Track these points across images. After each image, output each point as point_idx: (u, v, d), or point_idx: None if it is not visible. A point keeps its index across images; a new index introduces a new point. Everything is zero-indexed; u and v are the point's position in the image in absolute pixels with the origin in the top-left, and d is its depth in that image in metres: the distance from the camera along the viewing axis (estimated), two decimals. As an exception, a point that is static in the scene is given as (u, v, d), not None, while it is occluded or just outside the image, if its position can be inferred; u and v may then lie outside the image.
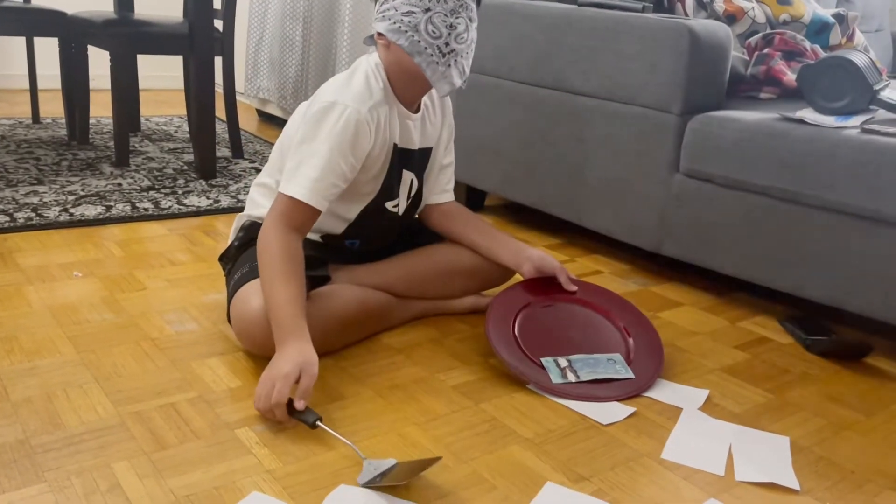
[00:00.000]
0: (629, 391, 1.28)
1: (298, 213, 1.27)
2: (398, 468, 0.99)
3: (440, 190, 1.54)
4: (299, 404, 1.09)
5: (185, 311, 1.49)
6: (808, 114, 1.59)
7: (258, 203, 1.43)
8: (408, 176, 1.43)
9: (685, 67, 1.68)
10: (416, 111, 1.40)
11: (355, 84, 1.31)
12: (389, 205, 1.42)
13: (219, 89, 2.67)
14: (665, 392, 1.31)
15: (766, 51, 1.97)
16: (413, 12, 1.23)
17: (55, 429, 1.07)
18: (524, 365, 1.29)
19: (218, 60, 2.54)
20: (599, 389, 1.27)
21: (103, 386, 1.19)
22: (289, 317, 1.17)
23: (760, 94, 1.94)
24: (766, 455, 1.14)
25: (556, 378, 1.27)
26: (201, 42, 2.37)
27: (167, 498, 0.95)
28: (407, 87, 1.34)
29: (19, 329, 1.36)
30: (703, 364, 1.44)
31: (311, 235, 1.44)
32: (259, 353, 1.28)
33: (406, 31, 1.23)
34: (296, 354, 1.12)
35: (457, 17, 1.25)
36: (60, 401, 1.14)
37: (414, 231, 1.56)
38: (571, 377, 1.28)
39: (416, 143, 1.42)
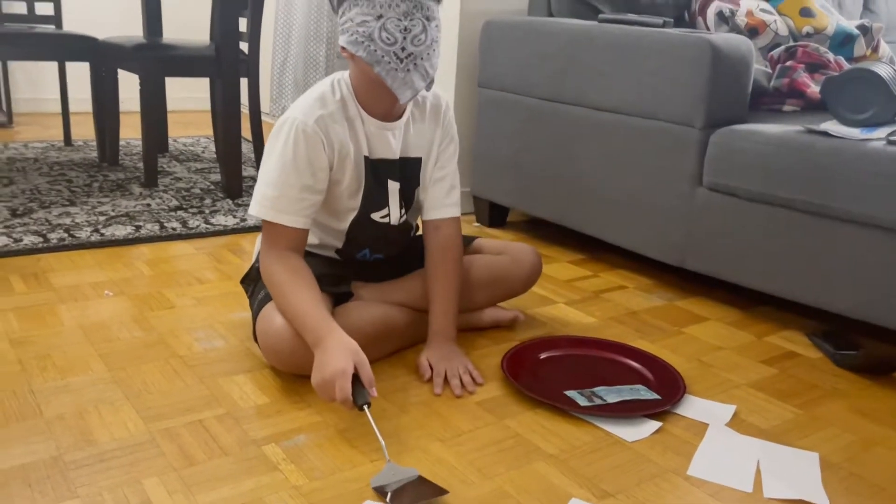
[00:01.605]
0: (656, 409, 1.27)
1: (276, 234, 1.29)
2: (414, 483, 1.01)
3: (435, 205, 1.46)
4: (373, 392, 1.14)
5: (212, 329, 1.51)
6: (832, 126, 1.58)
7: None
8: (394, 186, 1.41)
9: (707, 82, 1.68)
10: (396, 119, 1.38)
11: (307, 97, 1.33)
12: (377, 216, 1.41)
13: (244, 109, 2.71)
14: (691, 408, 1.30)
15: (788, 63, 1.96)
16: (367, 21, 1.21)
17: (87, 445, 1.09)
18: (555, 399, 1.29)
19: (243, 81, 2.59)
20: (627, 409, 1.27)
21: (133, 403, 1.22)
22: (315, 318, 1.21)
23: (784, 106, 1.93)
24: (795, 471, 1.13)
25: (583, 403, 1.27)
26: (228, 64, 2.42)
27: (196, 513, 0.96)
28: (375, 96, 1.31)
29: (52, 347, 1.39)
30: (729, 379, 1.43)
31: (326, 252, 1.46)
32: (285, 370, 1.30)
33: (363, 42, 1.22)
34: (342, 348, 1.16)
35: (411, 20, 1.22)
36: (92, 417, 1.17)
37: None
38: (598, 402, 1.28)
39: (394, 153, 1.39)
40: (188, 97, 3.96)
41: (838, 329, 1.64)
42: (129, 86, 2.76)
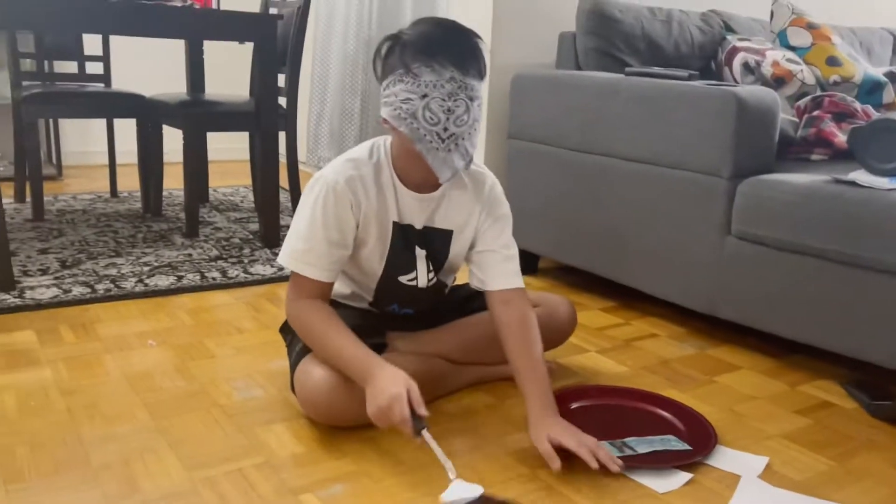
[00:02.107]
0: (689, 459, 1.28)
1: (303, 285, 1.34)
2: (481, 500, 1.09)
3: (492, 275, 1.42)
4: (422, 411, 1.18)
5: (251, 378, 1.56)
6: (860, 175, 1.60)
7: None
8: (420, 252, 1.42)
9: (733, 133, 1.71)
10: (430, 191, 1.38)
11: (342, 157, 1.37)
12: (404, 279, 1.43)
13: (282, 159, 2.80)
14: (723, 459, 1.30)
15: (815, 113, 1.98)
16: (411, 99, 1.22)
17: (133, 493, 1.14)
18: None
19: (281, 134, 2.68)
20: (659, 460, 1.27)
21: (176, 451, 1.26)
22: (359, 356, 1.27)
23: (811, 156, 1.95)
24: (829, 525, 1.12)
25: (615, 453, 1.28)
26: (267, 119, 2.51)
27: (236, 562, 0.99)
28: (413, 168, 1.32)
29: (100, 396, 1.45)
30: (762, 430, 1.42)
31: (359, 304, 1.50)
32: (322, 421, 1.34)
33: (405, 119, 1.23)
34: (392, 376, 1.22)
35: (455, 101, 1.22)
36: (137, 466, 1.21)
37: (468, 296, 1.59)
38: (629, 452, 1.29)
39: (419, 222, 1.40)
40: (228, 147, 4.09)
41: (873, 378, 1.63)
42: (172, 138, 2.87)
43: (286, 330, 1.53)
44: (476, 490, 1.12)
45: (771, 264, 1.68)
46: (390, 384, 1.20)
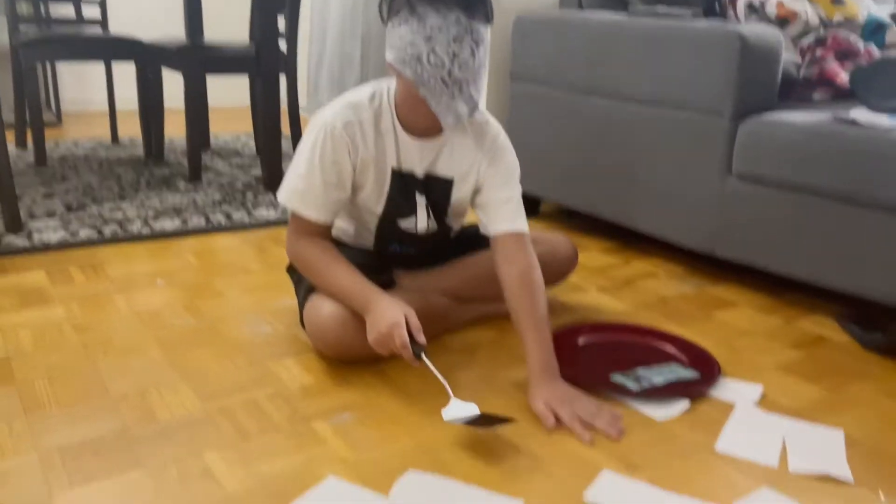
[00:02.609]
0: (699, 388, 1.32)
1: (301, 224, 1.37)
2: (480, 419, 1.15)
3: (496, 220, 1.40)
4: (420, 337, 1.23)
5: (259, 316, 1.59)
6: (861, 114, 1.61)
7: None
8: (421, 199, 1.42)
9: (736, 73, 1.72)
10: (433, 137, 1.38)
11: (342, 100, 1.37)
12: (402, 223, 1.45)
13: (282, 105, 2.80)
14: (719, 388, 1.34)
15: (818, 52, 1.98)
16: (416, 42, 1.20)
17: (150, 422, 1.18)
18: (603, 385, 1.33)
19: (282, 78, 2.67)
20: (673, 390, 1.31)
21: (190, 383, 1.30)
22: (358, 286, 1.31)
23: (814, 95, 1.95)
24: (820, 447, 1.17)
25: (634, 387, 1.31)
26: (268, 62, 2.50)
27: (254, 482, 1.04)
28: (417, 114, 1.32)
29: (112, 332, 1.48)
30: (758, 362, 1.47)
31: (363, 243, 1.52)
32: (331, 355, 1.37)
33: (410, 62, 1.21)
34: (390, 304, 1.26)
35: (460, 44, 1.19)
36: (153, 397, 1.25)
37: (470, 236, 1.62)
38: (646, 384, 1.33)
39: (420, 169, 1.40)
40: (228, 95, 4.06)
41: (867, 313, 1.67)
42: (171, 84, 2.86)
43: (293, 269, 1.56)
44: (473, 409, 1.17)
45: (770, 203, 1.70)
46: (389, 312, 1.24)
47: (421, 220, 1.45)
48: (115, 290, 1.70)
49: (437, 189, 1.43)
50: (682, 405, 1.28)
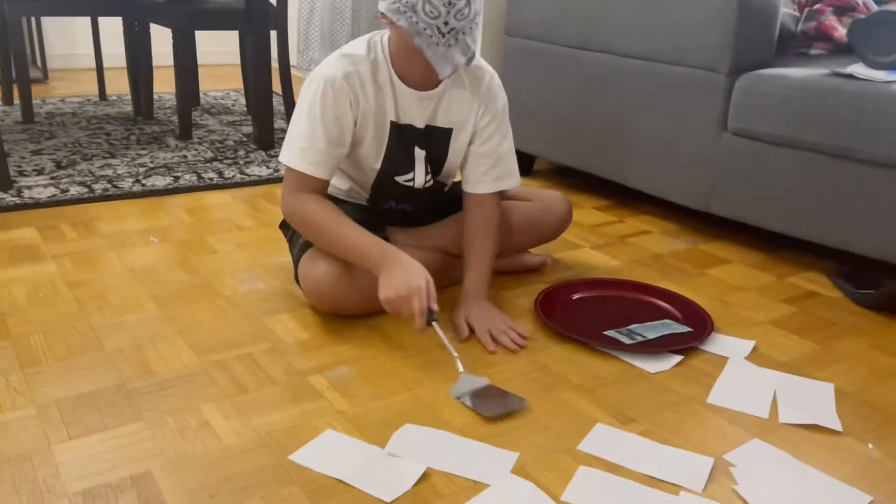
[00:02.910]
0: (692, 342, 1.33)
1: (302, 181, 1.33)
2: (488, 390, 1.16)
3: (474, 179, 1.45)
4: (434, 305, 1.23)
5: (253, 272, 1.59)
6: (858, 69, 1.60)
7: None
8: (420, 153, 1.41)
9: (733, 27, 1.70)
10: (430, 89, 1.36)
11: (340, 52, 1.34)
12: (400, 179, 1.44)
13: (273, 63, 2.75)
14: (712, 343, 1.36)
15: (816, 6, 1.96)
16: None
17: (147, 375, 1.18)
18: (596, 340, 1.34)
19: (272, 34, 2.62)
20: (666, 344, 1.33)
21: (185, 338, 1.30)
22: (373, 243, 1.29)
23: (811, 50, 1.94)
24: (810, 399, 1.19)
25: (627, 341, 1.33)
26: (257, 17, 2.45)
27: (251, 434, 1.05)
28: (412, 66, 1.30)
29: (107, 288, 1.48)
30: (750, 318, 1.48)
31: (358, 200, 1.51)
32: (326, 310, 1.38)
33: (405, 12, 1.19)
34: (414, 267, 1.24)
35: None
36: (149, 351, 1.26)
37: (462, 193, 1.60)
38: (640, 339, 1.34)
39: (419, 121, 1.39)
40: (217, 51, 4.00)
41: (859, 269, 1.68)
42: (159, 41, 2.81)
43: (286, 225, 1.56)
44: (484, 381, 1.17)
45: (766, 160, 1.70)
46: (412, 275, 1.22)
47: (419, 176, 1.44)
48: (108, 246, 1.69)
49: (438, 140, 1.42)
50: (674, 359, 1.29)
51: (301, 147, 1.33)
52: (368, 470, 0.98)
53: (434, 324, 1.22)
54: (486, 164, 1.44)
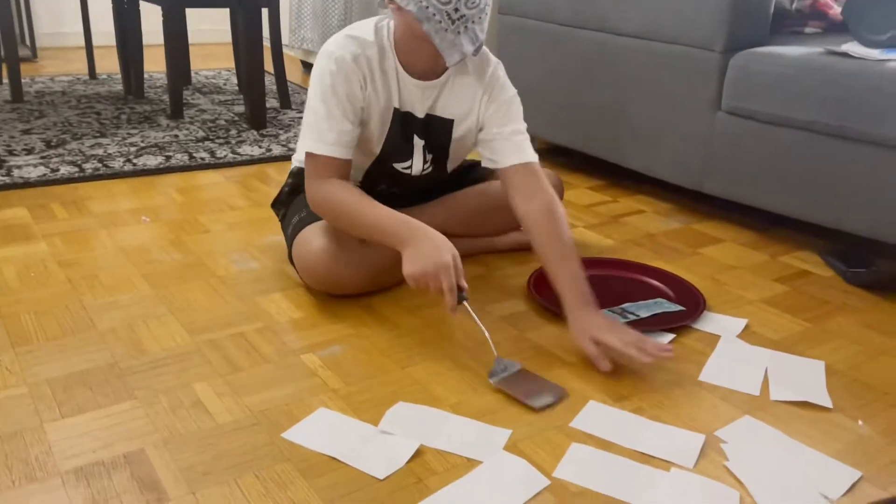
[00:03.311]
0: (686, 320, 1.34)
1: (322, 166, 1.31)
2: (523, 375, 1.15)
3: (501, 154, 1.38)
4: (463, 282, 1.18)
5: (246, 252, 1.58)
6: (853, 47, 1.59)
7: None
8: (419, 142, 1.40)
9: (728, 4, 1.68)
10: (434, 79, 1.35)
11: (347, 33, 1.32)
12: (398, 165, 1.43)
13: (265, 42, 2.73)
14: (704, 321, 1.36)
15: (812, -15, 1.95)
16: None
17: (140, 354, 1.18)
18: None
19: (264, 12, 2.60)
20: (660, 322, 1.33)
21: (178, 317, 1.30)
22: (394, 218, 1.25)
23: (805, 28, 1.93)
24: (801, 377, 1.19)
25: (621, 320, 1.32)
26: (249, -6, 2.43)
27: (244, 412, 1.05)
28: (416, 52, 1.28)
29: (98, 268, 1.47)
30: (742, 296, 1.48)
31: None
32: (320, 290, 1.37)
33: None
34: (442, 243, 1.20)
35: None
36: (142, 330, 1.25)
37: (457, 174, 1.59)
38: (632, 317, 1.34)
39: (420, 111, 1.38)
40: (209, 29, 3.96)
41: (850, 248, 1.69)
42: (149, 20, 2.78)
43: (278, 204, 1.55)
44: (516, 366, 1.17)
45: (759, 139, 1.69)
46: (440, 251, 1.18)
47: (417, 164, 1.43)
48: (99, 226, 1.68)
49: (438, 130, 1.41)
50: (666, 338, 1.30)
51: (320, 130, 1.30)
52: (361, 447, 0.98)
53: (465, 302, 1.18)
54: (508, 138, 1.38)
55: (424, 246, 1.20)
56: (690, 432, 1.05)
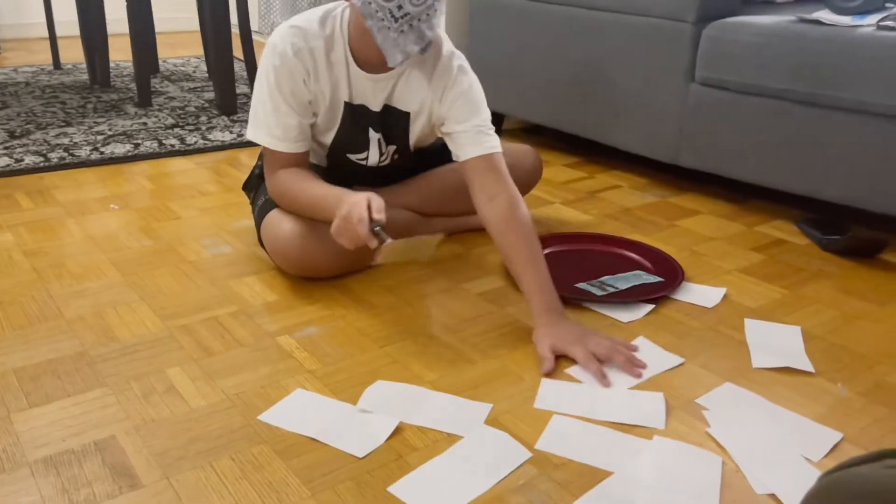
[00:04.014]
0: (664, 291, 1.33)
1: (278, 158, 1.31)
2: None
3: (462, 148, 1.32)
4: (379, 216, 1.14)
5: (218, 237, 1.55)
6: (824, 14, 1.59)
7: None
8: (374, 135, 1.37)
9: (699, -26, 1.68)
10: (385, 71, 1.29)
11: (293, 24, 1.28)
12: (353, 157, 1.41)
13: (234, 29, 2.68)
14: (683, 292, 1.35)
15: (782, -46, 1.94)
16: None
17: (110, 341, 1.15)
18: (567, 292, 1.31)
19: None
20: (639, 293, 1.32)
21: (149, 304, 1.27)
22: (330, 192, 1.24)
23: (777, -1, 1.92)
24: (780, 343, 1.19)
25: (598, 293, 1.32)
26: (214, -23, 2.37)
27: (218, 396, 1.02)
28: (364, 47, 1.24)
29: (66, 257, 1.43)
30: (720, 266, 1.48)
31: (320, 163, 1.47)
32: (293, 272, 1.35)
33: None
34: (359, 195, 1.17)
35: None
36: (111, 317, 1.22)
37: (430, 153, 1.57)
38: (611, 290, 1.33)
39: (375, 103, 1.33)
40: (176, 17, 3.89)
41: (825, 216, 1.69)
42: (114, 8, 2.72)
43: (248, 186, 1.52)
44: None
45: (733, 109, 1.69)
46: (353, 197, 1.17)
47: (373, 156, 1.40)
48: (66, 214, 1.64)
49: (395, 122, 1.37)
50: (645, 308, 1.29)
51: (267, 124, 1.29)
52: (340, 426, 0.97)
53: (378, 229, 1.13)
54: (470, 134, 1.31)
55: (344, 203, 1.17)
56: (649, 392, 1.04)
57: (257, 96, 1.31)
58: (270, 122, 1.29)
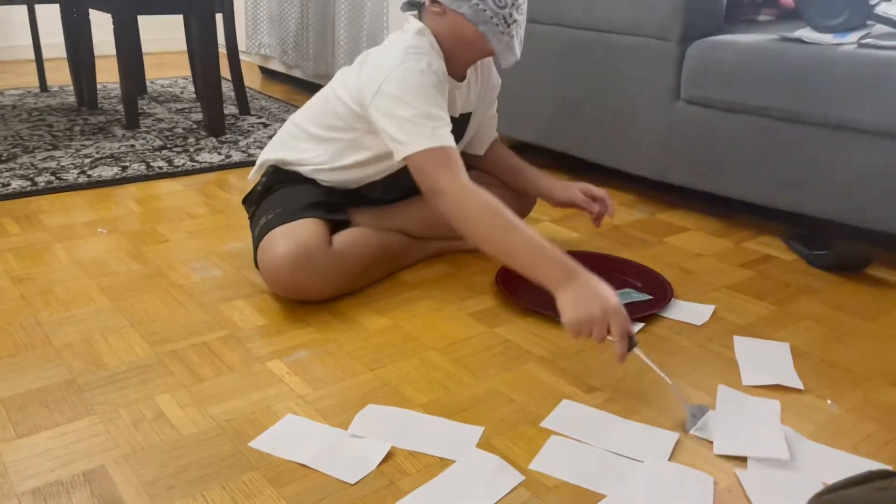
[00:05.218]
0: (654, 308, 1.34)
1: (452, 159, 1.23)
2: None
3: (485, 143, 1.60)
4: (631, 329, 1.08)
5: (208, 260, 1.55)
6: (806, 33, 1.61)
7: (291, 146, 1.45)
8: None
9: (682, -6, 1.70)
10: (462, 79, 1.40)
11: (407, 45, 1.27)
12: None
13: (221, 49, 2.69)
14: (672, 309, 1.36)
15: (764, -27, 1.97)
16: None
17: (98, 369, 1.14)
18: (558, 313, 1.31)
19: (219, 19, 2.55)
20: (630, 312, 1.31)
21: (138, 329, 1.26)
22: (552, 253, 1.14)
23: (759, 16, 1.95)
24: (769, 360, 1.20)
25: None
26: (201, 0, 2.38)
27: (209, 423, 1.02)
28: (461, 56, 1.31)
29: (53, 283, 1.42)
30: (709, 283, 1.49)
31: (328, 183, 1.46)
32: (285, 295, 1.34)
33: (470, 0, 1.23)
34: (601, 287, 1.10)
35: None
36: (100, 344, 1.21)
37: None
38: None
39: (456, 111, 1.41)
40: (163, 38, 3.89)
41: (812, 231, 1.71)
42: (100, 30, 2.72)
43: (249, 201, 1.52)
44: (705, 408, 1.05)
45: (719, 126, 1.71)
46: (606, 295, 1.08)
47: None
48: (53, 239, 1.63)
49: (461, 127, 1.45)
50: (636, 327, 1.29)
51: (431, 126, 1.23)
52: (331, 452, 0.96)
53: (636, 349, 1.09)
54: (489, 126, 1.59)
55: (585, 290, 1.09)
56: (665, 430, 1.02)
57: (407, 109, 1.23)
58: (432, 123, 1.23)
